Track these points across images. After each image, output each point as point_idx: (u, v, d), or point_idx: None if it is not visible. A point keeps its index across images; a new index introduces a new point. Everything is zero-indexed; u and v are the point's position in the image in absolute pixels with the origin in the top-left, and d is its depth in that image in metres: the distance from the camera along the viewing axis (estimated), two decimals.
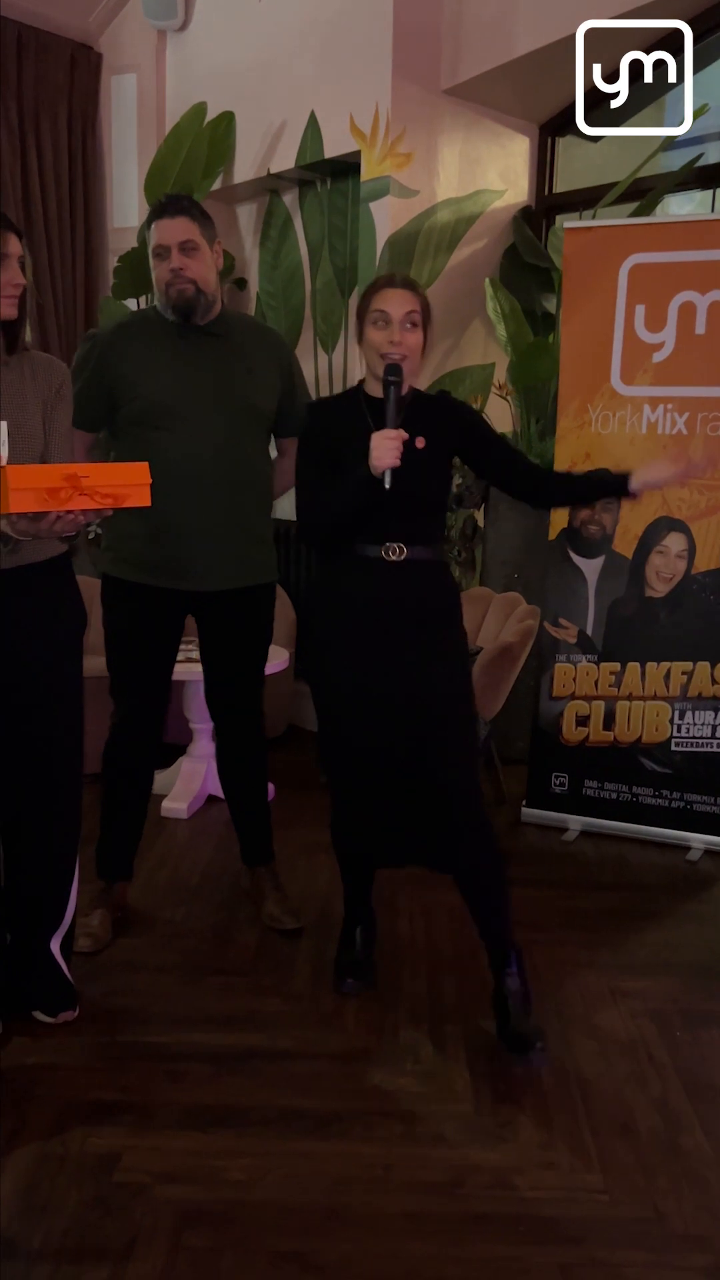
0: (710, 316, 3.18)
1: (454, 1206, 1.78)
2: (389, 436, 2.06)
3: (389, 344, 2.13)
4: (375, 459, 2.05)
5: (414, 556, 2.20)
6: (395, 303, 2.14)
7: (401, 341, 2.14)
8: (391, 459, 2.05)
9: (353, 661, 2.23)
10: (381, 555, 2.18)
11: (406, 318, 2.14)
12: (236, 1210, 1.76)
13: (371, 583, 2.21)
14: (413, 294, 2.16)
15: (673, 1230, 1.74)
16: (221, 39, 4.58)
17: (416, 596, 2.21)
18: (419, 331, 2.17)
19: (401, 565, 2.19)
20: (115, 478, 1.85)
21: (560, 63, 3.79)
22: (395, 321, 2.13)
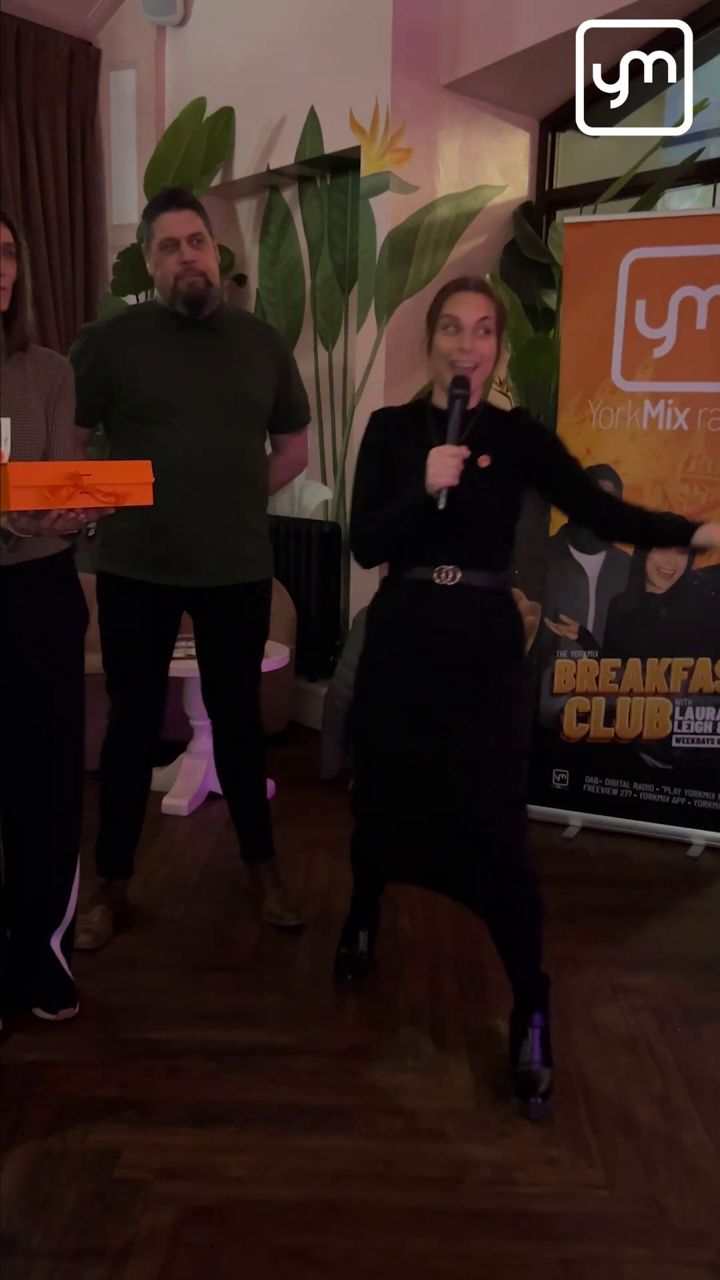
0: (711, 311, 3.17)
1: (454, 1202, 1.78)
2: (448, 453, 1.96)
3: (459, 351, 2.02)
4: (431, 476, 1.96)
5: (470, 582, 2.06)
6: (467, 308, 2.02)
7: (472, 349, 2.02)
8: (449, 478, 1.95)
9: (396, 689, 2.11)
10: (433, 579, 2.06)
11: (479, 324, 2.02)
12: (236, 1206, 1.75)
13: (422, 608, 2.08)
14: (486, 298, 2.04)
15: (673, 1226, 1.74)
16: (220, 34, 4.57)
17: (471, 627, 2.06)
18: (492, 339, 2.05)
19: (456, 591, 2.05)
20: (117, 476, 1.84)
21: (560, 57, 3.78)
22: (467, 328, 2.01)
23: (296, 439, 2.79)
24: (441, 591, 2.06)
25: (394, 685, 2.12)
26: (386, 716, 2.14)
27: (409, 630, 2.09)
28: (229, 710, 2.75)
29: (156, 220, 2.43)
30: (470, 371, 2.03)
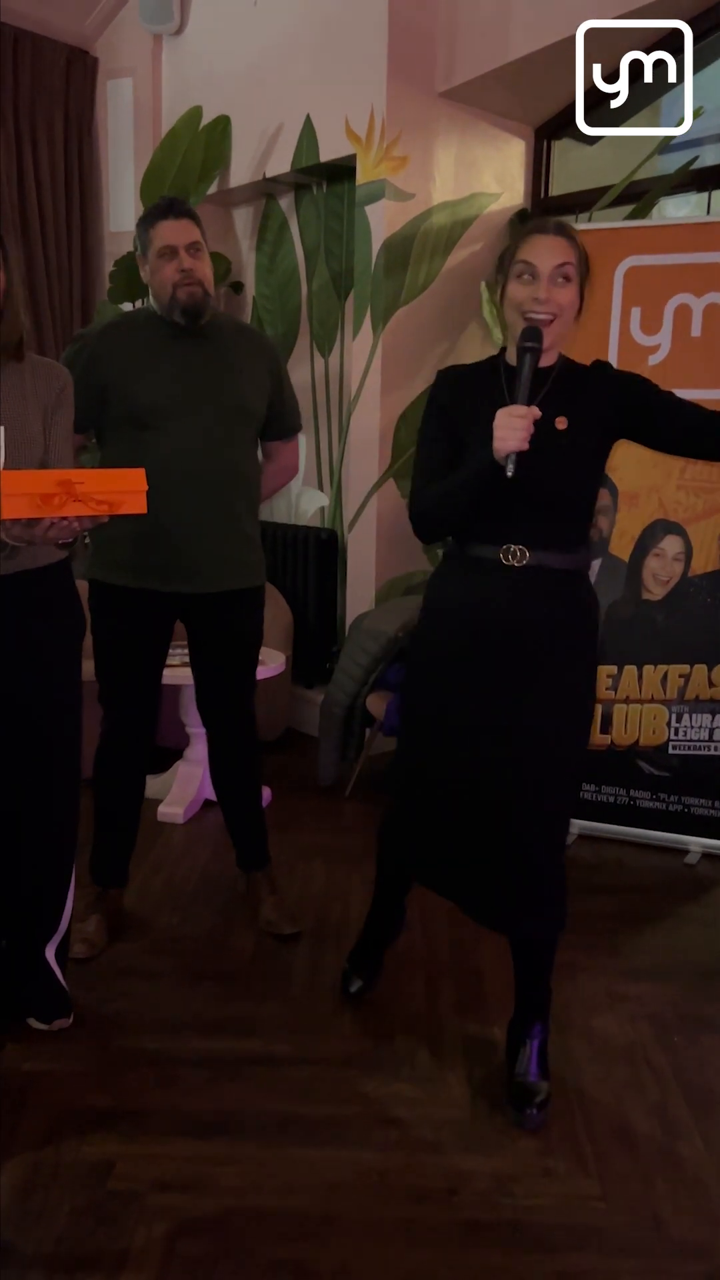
0: (706, 319, 3.18)
1: (450, 1214, 1.77)
2: (517, 414, 1.77)
3: (534, 301, 1.82)
4: (498, 440, 1.77)
5: (541, 563, 1.88)
6: (545, 252, 1.81)
7: (549, 299, 1.82)
8: (517, 441, 1.76)
9: (449, 675, 1.98)
10: (499, 558, 1.89)
11: (558, 270, 1.82)
12: (231, 1218, 1.74)
13: (486, 590, 1.91)
14: (568, 242, 1.84)
15: (670, 1237, 1.73)
16: (217, 43, 4.58)
17: (536, 615, 1.90)
18: (572, 287, 1.85)
19: (524, 572, 1.88)
20: (110, 484, 1.83)
21: (556, 65, 3.79)
22: (544, 275, 1.82)
23: (288, 446, 2.79)
24: (507, 573, 1.89)
25: (448, 671, 1.97)
26: (438, 703, 1.99)
27: (468, 614, 1.94)
28: (223, 718, 2.75)
29: (154, 228, 2.43)
30: (546, 324, 1.84)
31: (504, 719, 1.92)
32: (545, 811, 1.97)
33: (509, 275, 1.87)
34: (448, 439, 1.96)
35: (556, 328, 1.87)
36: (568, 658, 1.95)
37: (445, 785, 2.00)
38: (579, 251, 1.87)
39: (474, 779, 1.96)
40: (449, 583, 2.01)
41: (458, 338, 4.28)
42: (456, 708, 1.97)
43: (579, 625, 1.97)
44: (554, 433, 1.87)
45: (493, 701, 1.93)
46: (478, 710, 1.94)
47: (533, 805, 1.94)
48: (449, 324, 4.18)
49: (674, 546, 3.30)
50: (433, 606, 2.05)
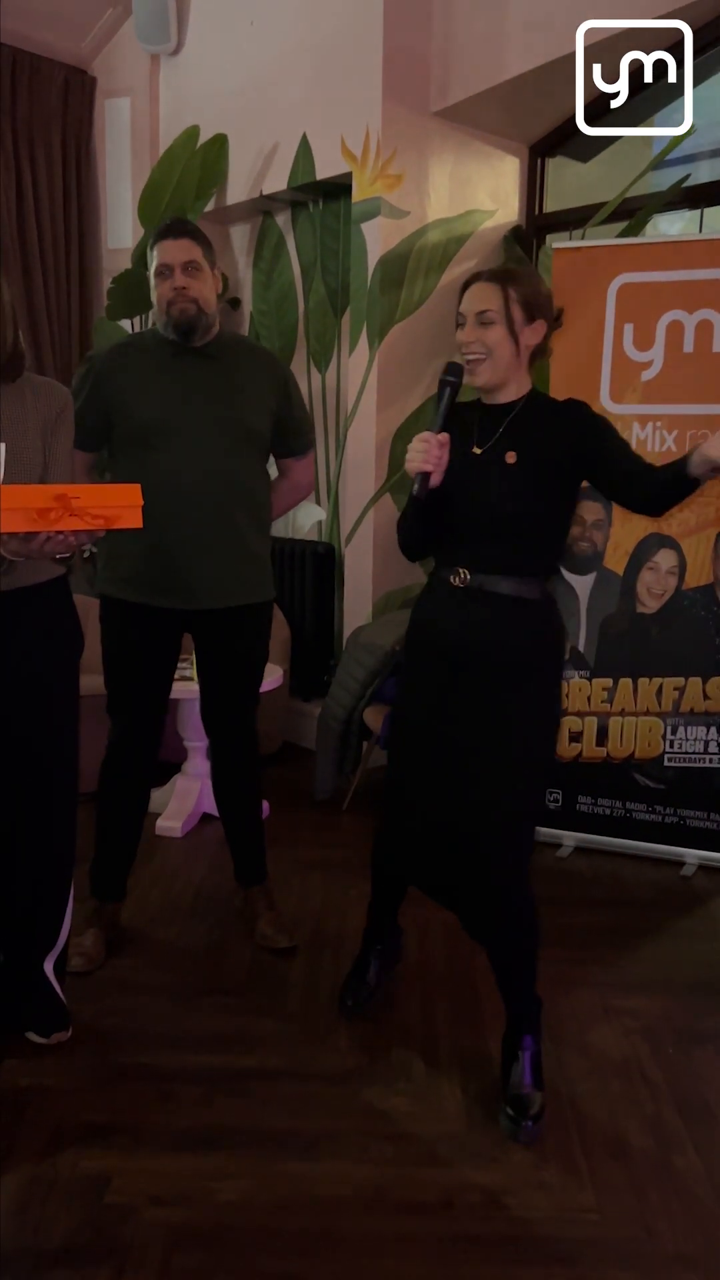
0: (698, 335, 3.21)
1: (445, 1227, 1.78)
2: (423, 439, 1.92)
3: (461, 344, 2.03)
4: (408, 461, 1.93)
5: (483, 585, 2.00)
6: (470, 300, 2.01)
7: (475, 339, 2.00)
8: (420, 463, 1.91)
9: (418, 689, 2.11)
10: (450, 579, 2.04)
11: (478, 317, 1.99)
12: (227, 1232, 1.75)
13: (440, 609, 2.07)
14: (493, 287, 1.99)
15: (664, 1250, 1.74)
16: (214, 62, 4.63)
17: (487, 634, 2.00)
18: (497, 329, 1.98)
19: (467, 593, 2.01)
20: (106, 499, 1.86)
21: (550, 84, 3.83)
22: (469, 320, 2.01)
23: (301, 463, 2.81)
24: (454, 594, 2.03)
25: (417, 685, 2.13)
26: (411, 714, 2.14)
27: (430, 632, 2.10)
28: (227, 732, 2.77)
29: (156, 247, 2.49)
30: (475, 363, 2.00)
31: (455, 737, 2.03)
32: (495, 830, 2.02)
33: (457, 324, 2.05)
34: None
35: (489, 367, 2.01)
36: (514, 680, 2.01)
37: (418, 799, 2.12)
38: (506, 293, 1.98)
39: (437, 795, 2.06)
40: (422, 602, 2.17)
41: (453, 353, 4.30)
42: (421, 723, 2.09)
43: (527, 649, 2.03)
44: (504, 465, 1.99)
45: (445, 719, 2.04)
46: (435, 727, 2.06)
47: (482, 823, 2.02)
48: (444, 340, 4.21)
49: (668, 560, 3.33)
50: (411, 624, 2.20)
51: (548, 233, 4.42)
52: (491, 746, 2.01)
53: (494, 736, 2.01)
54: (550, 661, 2.09)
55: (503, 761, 2.01)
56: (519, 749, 2.03)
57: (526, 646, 2.03)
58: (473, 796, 2.01)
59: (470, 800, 2.01)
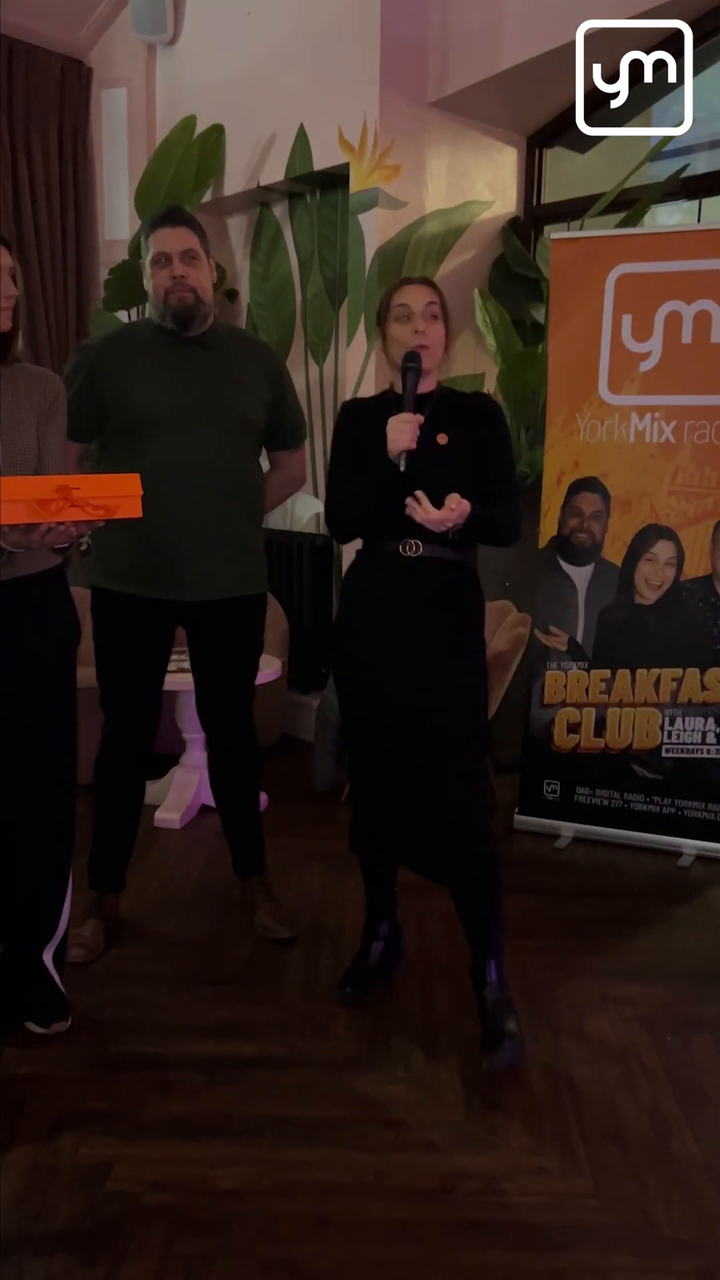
0: (696, 326, 3.21)
1: (444, 1213, 1.79)
2: (403, 419, 2.11)
3: (413, 334, 2.20)
4: (391, 441, 2.11)
5: (430, 554, 2.19)
6: (416, 296, 2.21)
7: (425, 332, 2.20)
8: (406, 441, 2.10)
9: (367, 657, 2.25)
10: (399, 550, 2.20)
11: (427, 309, 2.20)
12: (227, 1219, 1.76)
13: (387, 578, 2.22)
14: (431, 289, 2.24)
15: (662, 1235, 1.75)
16: (211, 52, 4.61)
17: (430, 596, 2.20)
18: (440, 324, 2.23)
19: (417, 562, 2.19)
20: (106, 489, 1.86)
21: (547, 74, 3.82)
22: (417, 313, 2.20)
23: (294, 456, 2.81)
24: (405, 563, 2.19)
25: (364, 652, 2.25)
26: (362, 684, 2.27)
27: (376, 599, 2.24)
28: (224, 725, 2.77)
29: (153, 236, 2.47)
30: (422, 350, 2.19)
31: (411, 692, 2.19)
32: (454, 773, 2.20)
33: (389, 320, 2.24)
34: (355, 457, 2.27)
35: (430, 356, 2.22)
36: (460, 637, 2.25)
37: (379, 757, 2.26)
38: (441, 296, 2.25)
39: (397, 748, 2.21)
40: (361, 575, 2.30)
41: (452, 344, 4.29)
42: (375, 686, 2.24)
43: (468, 608, 2.28)
44: (436, 446, 2.20)
45: (402, 676, 2.20)
46: (390, 685, 2.21)
47: (443, 767, 2.19)
48: None
49: (666, 551, 3.33)
50: (348, 597, 2.33)
51: (546, 224, 4.42)
52: (447, 700, 2.20)
53: (449, 691, 2.21)
54: (481, 618, 2.34)
55: (459, 712, 2.22)
56: (471, 699, 2.26)
57: (468, 607, 2.28)
58: (433, 750, 2.18)
59: (431, 753, 2.18)
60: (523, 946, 2.70)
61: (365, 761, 2.32)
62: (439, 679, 2.20)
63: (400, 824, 2.28)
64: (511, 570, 4.03)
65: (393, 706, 2.21)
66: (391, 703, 2.21)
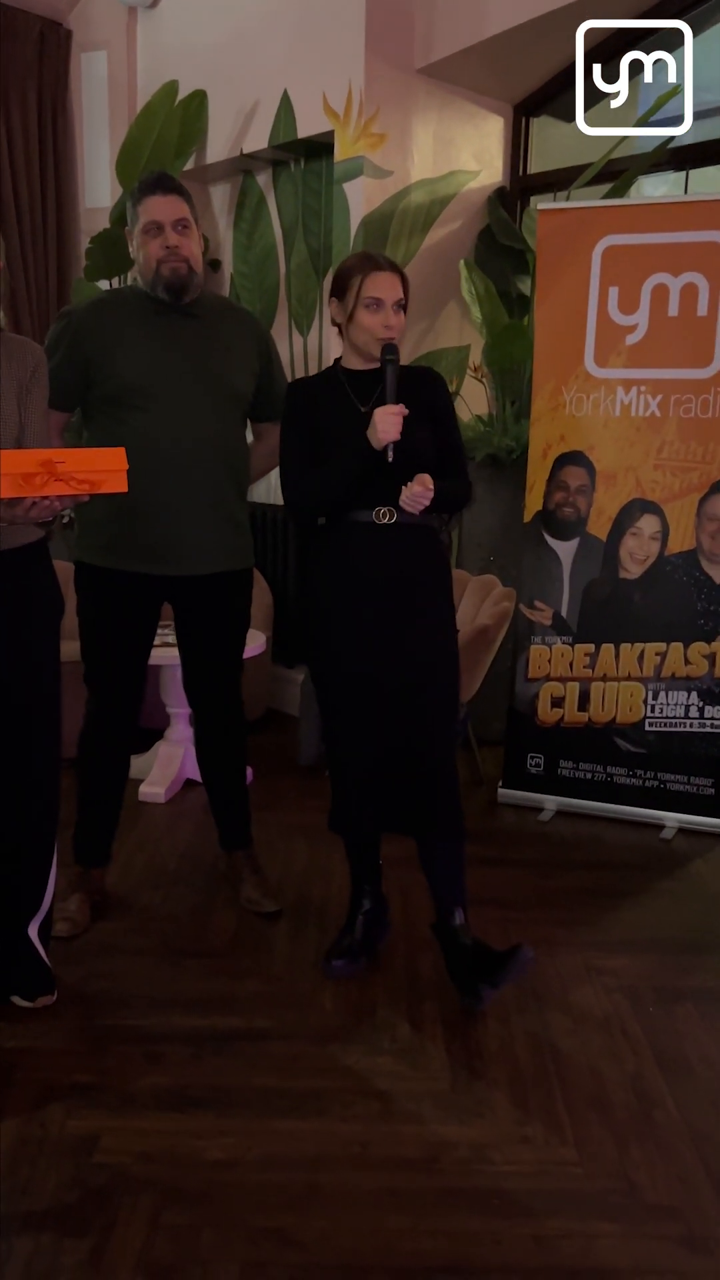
0: (683, 299, 3.19)
1: (430, 1182, 1.81)
2: (391, 412, 2.16)
3: (384, 328, 2.24)
4: (381, 433, 2.15)
5: (403, 520, 2.25)
6: (387, 289, 2.24)
7: (394, 324, 2.25)
8: (395, 433, 2.15)
9: (343, 622, 2.30)
10: (373, 519, 2.25)
11: (397, 303, 2.25)
12: (215, 1189, 1.77)
13: (361, 546, 2.27)
14: (399, 279, 2.27)
15: (645, 1201, 1.78)
16: (192, 16, 4.53)
17: (404, 560, 2.27)
18: (403, 315, 2.29)
19: (391, 529, 2.25)
20: (92, 463, 1.85)
21: (533, 42, 3.78)
22: (388, 306, 2.24)
23: (277, 428, 2.78)
24: (380, 530, 2.25)
25: (342, 619, 2.30)
26: (336, 652, 2.32)
27: (353, 567, 2.28)
28: (210, 699, 2.76)
29: (142, 203, 2.42)
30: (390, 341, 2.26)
31: (389, 653, 2.27)
32: (433, 725, 2.31)
33: (357, 305, 2.25)
34: (310, 436, 2.30)
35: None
36: (434, 596, 2.34)
37: (357, 716, 2.32)
38: (406, 284, 2.29)
39: (376, 700, 2.29)
40: (330, 548, 2.32)
41: (437, 315, 4.28)
42: (351, 651, 2.30)
43: (439, 568, 2.37)
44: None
45: (379, 639, 2.27)
46: (367, 649, 2.28)
47: (422, 721, 2.29)
48: (428, 302, 4.18)
49: (651, 525, 3.33)
50: (319, 570, 2.35)
51: (532, 194, 4.38)
52: (426, 654, 2.30)
53: (426, 649, 2.30)
54: (447, 575, 2.41)
55: (437, 667, 2.32)
56: (448, 659, 2.36)
57: (436, 565, 2.36)
58: (419, 706, 2.28)
59: (418, 709, 2.28)
60: (507, 918, 2.72)
61: (343, 731, 2.37)
62: (416, 639, 2.28)
63: (377, 787, 2.35)
64: (497, 544, 4.03)
65: (372, 673, 2.27)
66: (373, 670, 2.27)
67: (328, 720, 2.42)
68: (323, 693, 2.40)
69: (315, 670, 2.41)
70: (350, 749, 2.37)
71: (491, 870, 3.02)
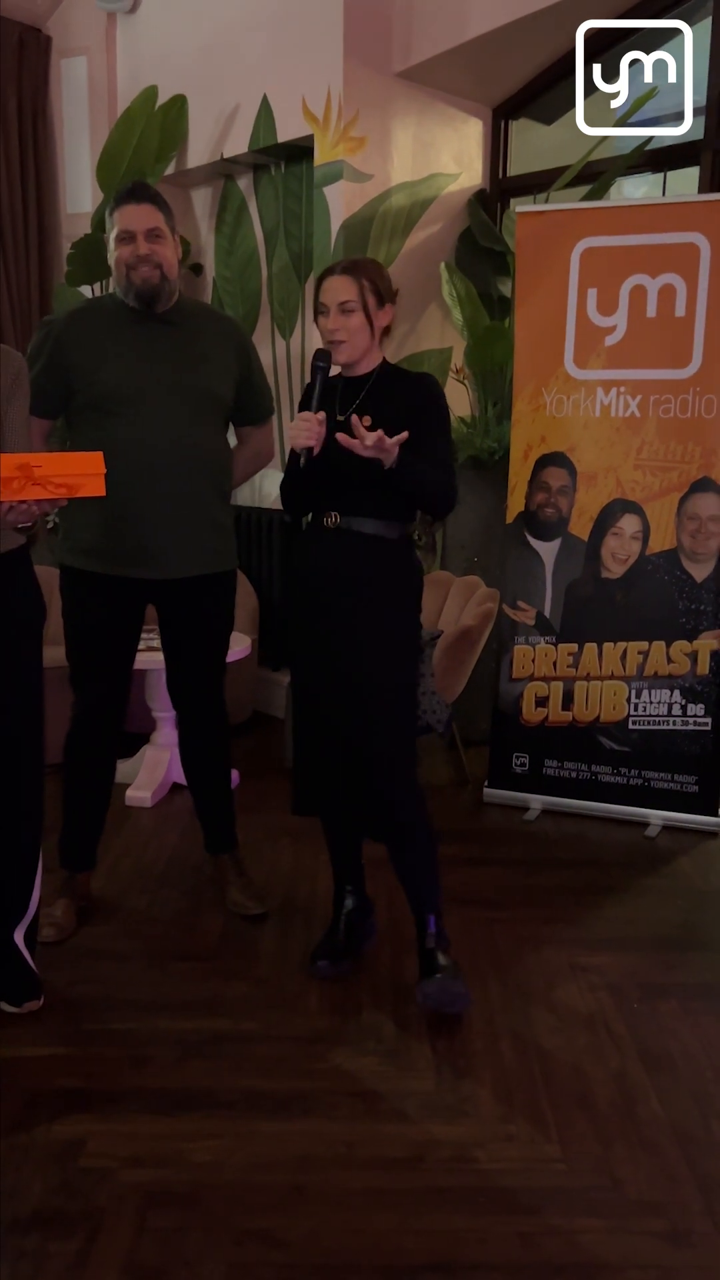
0: (661, 300, 3.22)
1: (415, 1181, 1.81)
2: (304, 418, 2.17)
3: (329, 332, 2.24)
4: (290, 439, 2.19)
5: (353, 527, 2.25)
6: (330, 292, 2.24)
7: (337, 327, 2.23)
8: (305, 440, 2.15)
9: (300, 627, 2.34)
10: (324, 523, 2.28)
11: (340, 306, 2.23)
12: (202, 1191, 1.78)
13: (312, 550, 2.32)
14: (349, 279, 2.22)
15: (629, 1197, 1.79)
16: (171, 21, 4.54)
17: (352, 567, 2.26)
18: (356, 314, 2.23)
19: (338, 534, 2.26)
20: (69, 467, 1.85)
21: (512, 45, 3.80)
22: (331, 310, 2.23)
23: (261, 431, 2.80)
24: (327, 534, 2.28)
25: (298, 623, 2.35)
26: (297, 651, 2.38)
27: (307, 571, 2.33)
28: (194, 702, 2.76)
29: (117, 212, 2.44)
30: (338, 345, 2.24)
31: (338, 658, 2.28)
32: (375, 733, 2.28)
33: (317, 313, 2.27)
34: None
35: (349, 348, 2.25)
36: (379, 602, 2.29)
37: (316, 724, 2.35)
38: (360, 284, 2.22)
39: (330, 714, 2.31)
40: (298, 549, 2.40)
41: (418, 318, 4.29)
42: (309, 654, 2.34)
43: (392, 579, 2.32)
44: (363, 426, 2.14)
45: (329, 645, 2.29)
46: (321, 654, 2.31)
47: (363, 729, 2.27)
48: (409, 305, 4.20)
49: (632, 525, 3.35)
50: (289, 570, 2.43)
51: (512, 196, 4.40)
52: (367, 659, 2.28)
53: (368, 649, 2.27)
54: (408, 595, 2.36)
55: (383, 672, 2.29)
56: (391, 658, 2.31)
57: (386, 580, 2.31)
58: (360, 714, 2.27)
59: (360, 717, 2.27)
60: (492, 917, 2.73)
61: (305, 728, 2.41)
62: (366, 650, 2.27)
63: (339, 786, 2.37)
64: (479, 546, 4.05)
65: (323, 672, 2.30)
66: (322, 668, 2.31)
67: (294, 713, 2.47)
68: (291, 685, 2.48)
69: (288, 662, 2.49)
70: (305, 745, 2.41)
71: (477, 869, 3.03)
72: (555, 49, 4.01)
